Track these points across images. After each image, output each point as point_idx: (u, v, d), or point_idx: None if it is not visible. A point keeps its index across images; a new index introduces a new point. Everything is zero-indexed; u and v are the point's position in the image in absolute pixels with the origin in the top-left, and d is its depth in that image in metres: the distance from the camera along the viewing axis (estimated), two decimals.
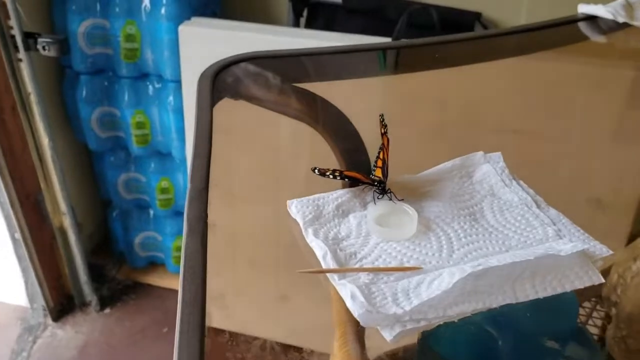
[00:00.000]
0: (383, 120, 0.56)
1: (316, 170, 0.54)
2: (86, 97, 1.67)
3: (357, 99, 0.84)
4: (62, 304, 1.85)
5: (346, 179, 0.54)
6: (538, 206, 0.54)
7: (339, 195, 0.54)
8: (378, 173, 0.55)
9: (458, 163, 0.58)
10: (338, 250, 0.48)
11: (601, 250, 0.49)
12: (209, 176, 0.58)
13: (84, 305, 1.85)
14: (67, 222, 1.73)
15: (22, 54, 1.46)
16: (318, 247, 0.48)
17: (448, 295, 0.44)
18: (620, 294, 0.70)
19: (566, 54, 0.89)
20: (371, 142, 0.71)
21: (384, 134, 0.56)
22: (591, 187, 0.68)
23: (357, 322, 0.43)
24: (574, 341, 0.63)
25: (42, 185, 1.69)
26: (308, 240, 0.49)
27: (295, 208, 0.52)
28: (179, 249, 1.85)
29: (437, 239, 0.50)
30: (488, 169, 0.58)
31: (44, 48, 1.45)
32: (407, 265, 0.47)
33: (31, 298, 1.81)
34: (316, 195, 0.54)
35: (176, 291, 0.61)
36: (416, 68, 0.91)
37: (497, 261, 0.46)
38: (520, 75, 0.84)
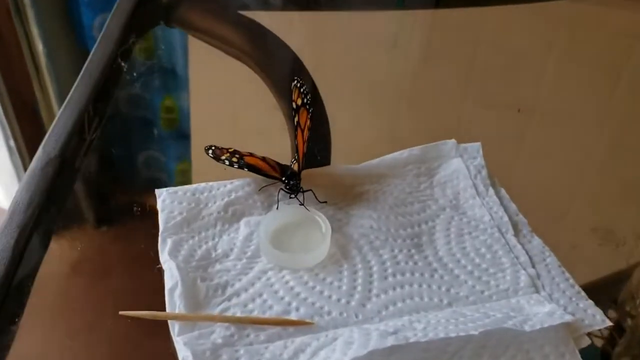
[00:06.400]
0: (302, 86, 0.39)
1: (210, 152, 0.39)
2: (89, 1, 1.52)
3: (336, 39, 0.66)
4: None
5: (246, 168, 0.38)
6: (516, 232, 0.37)
7: (236, 186, 0.39)
8: (296, 166, 0.39)
9: (417, 153, 0.41)
10: (199, 280, 0.33)
11: (593, 319, 0.33)
12: (83, 135, 0.43)
13: (81, 220, 1.77)
14: None
15: None
16: (169, 275, 0.33)
17: None
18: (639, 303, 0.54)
19: None
20: (343, 106, 0.54)
21: (302, 106, 0.39)
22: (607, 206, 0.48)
23: None
24: None
25: (38, 94, 1.57)
26: (161, 259, 0.34)
27: (163, 203, 0.37)
28: (182, 172, 1.73)
29: (352, 273, 0.34)
30: (458, 167, 0.41)
31: None
32: (293, 315, 0.32)
33: None
34: (202, 185, 0.39)
35: None
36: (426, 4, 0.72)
37: (421, 332, 0.30)
38: (558, 23, 0.64)
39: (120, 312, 0.31)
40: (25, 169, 1.48)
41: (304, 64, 0.55)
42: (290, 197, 0.38)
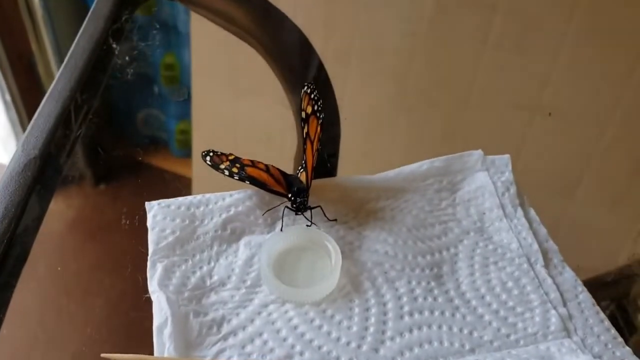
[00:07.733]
0: (313, 91, 0.35)
1: (207, 158, 0.35)
2: None
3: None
4: None
5: (247, 181, 0.34)
6: (546, 262, 0.33)
7: (236, 200, 0.35)
8: (304, 176, 0.35)
9: (438, 165, 0.37)
10: (192, 316, 0.29)
11: None
12: (68, 130, 0.39)
13: (79, 179, 1.74)
14: None
15: None
16: (158, 308, 0.29)
17: None
18: None
19: None
20: (354, 95, 0.50)
21: (313, 114, 0.35)
22: None
23: None
24: None
25: (34, 46, 1.51)
26: (150, 289, 0.30)
27: (153, 220, 0.33)
28: (182, 132, 1.69)
29: (363, 310, 0.30)
30: (484, 182, 0.37)
31: None
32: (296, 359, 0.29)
33: None
34: (198, 197, 0.35)
35: (179, 175, 0.50)
36: None
37: None
38: None
39: (102, 355, 0.28)
40: (22, 125, 1.43)
41: (314, 47, 0.50)
42: (297, 215, 0.34)
